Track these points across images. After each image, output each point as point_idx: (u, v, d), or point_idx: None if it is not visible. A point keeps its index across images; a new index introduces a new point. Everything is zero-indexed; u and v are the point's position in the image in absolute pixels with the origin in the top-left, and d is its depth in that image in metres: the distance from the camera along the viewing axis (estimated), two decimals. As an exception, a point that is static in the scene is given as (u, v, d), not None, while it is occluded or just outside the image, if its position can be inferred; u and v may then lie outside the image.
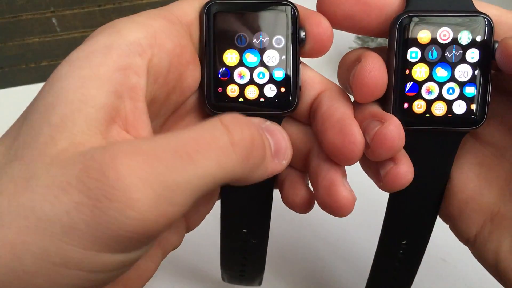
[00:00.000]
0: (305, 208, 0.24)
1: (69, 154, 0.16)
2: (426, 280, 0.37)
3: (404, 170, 0.22)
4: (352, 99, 0.23)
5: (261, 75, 0.22)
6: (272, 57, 0.22)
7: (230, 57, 0.22)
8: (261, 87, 0.22)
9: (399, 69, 0.22)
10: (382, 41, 0.46)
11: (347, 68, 0.23)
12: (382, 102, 0.23)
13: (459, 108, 0.22)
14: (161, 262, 0.24)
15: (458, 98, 0.22)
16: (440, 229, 0.25)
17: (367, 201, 0.32)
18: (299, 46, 0.22)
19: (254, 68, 0.22)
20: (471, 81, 0.22)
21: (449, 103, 0.22)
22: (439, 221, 0.26)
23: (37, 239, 0.15)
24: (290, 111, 0.23)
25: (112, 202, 0.15)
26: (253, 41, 0.22)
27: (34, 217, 0.15)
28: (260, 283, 0.31)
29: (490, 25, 0.21)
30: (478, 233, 0.24)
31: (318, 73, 0.24)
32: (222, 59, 0.22)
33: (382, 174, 0.22)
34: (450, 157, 0.23)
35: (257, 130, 0.19)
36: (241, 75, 0.22)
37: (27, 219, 0.15)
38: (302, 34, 0.22)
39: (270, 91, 0.22)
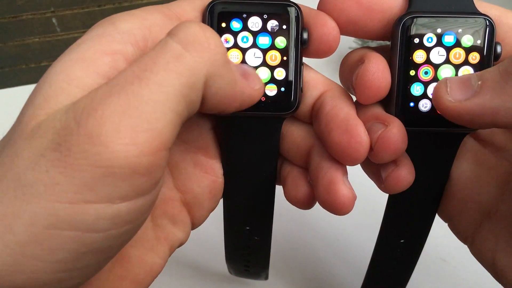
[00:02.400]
0: (307, 204, 0.24)
1: (45, 125, 0.17)
2: (426, 280, 0.37)
3: (405, 173, 0.22)
4: (354, 98, 0.23)
5: (263, 75, 0.22)
6: (274, 57, 0.22)
7: (232, 57, 0.22)
8: None
9: (402, 70, 0.22)
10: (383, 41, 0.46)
11: (350, 69, 0.23)
12: (385, 102, 0.23)
13: None
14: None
15: None
16: (440, 229, 0.25)
17: (368, 201, 0.32)
18: (301, 48, 0.22)
19: (256, 68, 0.22)
20: None
21: None
22: (439, 221, 0.26)
23: (24, 205, 0.15)
24: (291, 112, 0.23)
25: (79, 146, 0.15)
26: (256, 41, 0.22)
27: (20, 186, 0.16)
28: (266, 278, 0.31)
29: (491, 26, 0.21)
30: (476, 232, 0.24)
31: (320, 73, 0.24)
32: None
33: (384, 176, 0.22)
34: (450, 158, 0.23)
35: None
36: None
37: (15, 190, 0.16)
38: (305, 35, 0.22)
39: (271, 91, 0.22)
